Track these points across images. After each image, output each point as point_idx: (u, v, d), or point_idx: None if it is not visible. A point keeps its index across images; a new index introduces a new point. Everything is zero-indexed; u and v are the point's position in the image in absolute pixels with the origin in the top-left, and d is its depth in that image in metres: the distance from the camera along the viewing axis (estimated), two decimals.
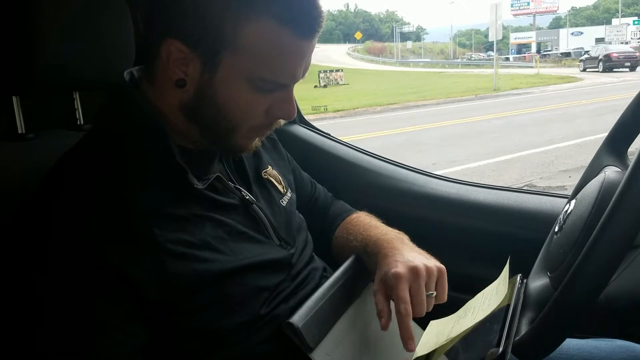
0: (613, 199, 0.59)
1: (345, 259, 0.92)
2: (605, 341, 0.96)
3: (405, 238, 0.91)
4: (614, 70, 22.27)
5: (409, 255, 0.84)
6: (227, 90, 0.71)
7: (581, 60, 26.61)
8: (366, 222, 0.99)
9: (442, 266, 0.84)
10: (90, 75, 0.86)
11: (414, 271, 0.80)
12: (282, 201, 0.89)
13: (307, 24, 0.70)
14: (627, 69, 22.09)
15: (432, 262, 0.83)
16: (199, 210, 0.73)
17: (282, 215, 0.87)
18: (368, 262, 0.91)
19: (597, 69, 22.80)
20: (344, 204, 1.10)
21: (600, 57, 23.33)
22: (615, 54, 23.15)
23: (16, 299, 0.63)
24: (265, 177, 0.90)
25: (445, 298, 0.83)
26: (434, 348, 0.82)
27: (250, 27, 0.67)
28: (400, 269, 0.80)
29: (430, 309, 0.82)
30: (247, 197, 0.81)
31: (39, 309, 0.62)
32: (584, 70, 24.26)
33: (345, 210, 1.07)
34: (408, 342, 0.77)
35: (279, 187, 0.91)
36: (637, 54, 24.04)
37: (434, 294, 0.82)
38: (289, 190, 0.94)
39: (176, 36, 0.69)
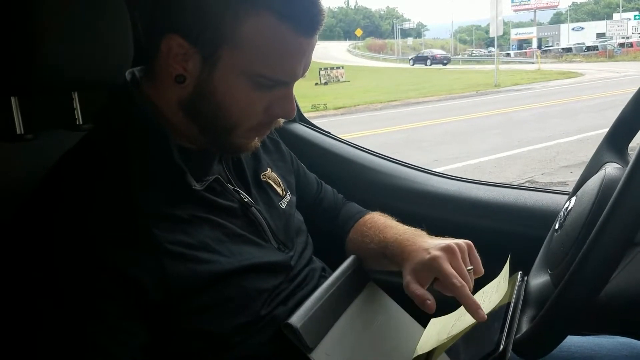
0: (613, 196, 0.59)
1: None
2: (606, 338, 0.96)
3: (423, 233, 0.90)
4: (433, 64, 36.68)
5: (434, 241, 0.84)
6: (226, 86, 0.70)
7: (411, 59, 41.24)
8: (381, 223, 0.97)
9: (469, 241, 0.84)
10: (89, 75, 0.86)
11: (448, 250, 0.80)
12: (281, 204, 0.89)
13: (307, 21, 0.69)
14: (441, 64, 36.23)
15: (459, 240, 0.83)
16: (198, 212, 0.72)
17: (281, 218, 0.86)
18: (388, 263, 0.90)
19: (424, 64, 37.12)
20: (355, 205, 1.08)
21: (429, 57, 38.77)
22: (438, 55, 39.44)
23: (17, 299, 0.63)
24: (264, 179, 0.89)
25: (482, 270, 0.82)
26: (434, 346, 0.82)
27: (250, 23, 0.67)
28: (434, 252, 0.80)
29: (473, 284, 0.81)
30: (245, 200, 0.81)
31: (39, 308, 0.62)
32: (413, 65, 38.45)
33: (357, 212, 1.05)
34: (478, 312, 0.75)
35: (278, 189, 0.90)
36: (449, 55, 43.32)
37: (472, 268, 0.81)
38: (289, 193, 0.93)
39: (177, 31, 0.68)
